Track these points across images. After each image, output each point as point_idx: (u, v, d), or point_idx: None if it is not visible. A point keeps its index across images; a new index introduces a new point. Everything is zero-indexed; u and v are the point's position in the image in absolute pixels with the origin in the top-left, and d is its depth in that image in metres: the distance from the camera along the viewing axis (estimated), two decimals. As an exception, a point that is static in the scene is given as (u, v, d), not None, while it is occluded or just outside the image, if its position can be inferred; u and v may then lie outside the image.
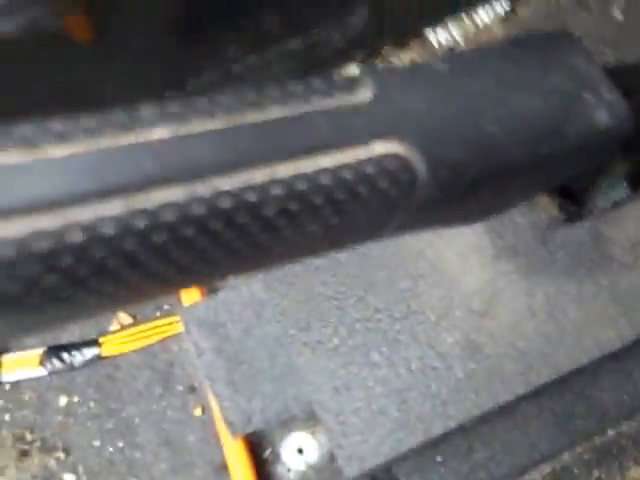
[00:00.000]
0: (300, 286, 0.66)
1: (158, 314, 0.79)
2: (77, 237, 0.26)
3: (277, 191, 0.30)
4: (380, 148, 0.33)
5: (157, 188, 0.27)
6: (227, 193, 0.29)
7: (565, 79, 0.39)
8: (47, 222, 0.25)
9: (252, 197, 0.29)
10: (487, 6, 0.84)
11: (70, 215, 0.26)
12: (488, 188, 0.39)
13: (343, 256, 0.66)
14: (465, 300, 0.63)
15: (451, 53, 0.78)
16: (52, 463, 0.75)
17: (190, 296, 0.76)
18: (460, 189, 0.38)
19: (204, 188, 0.28)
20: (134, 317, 0.79)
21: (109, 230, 0.26)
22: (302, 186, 0.31)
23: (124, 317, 0.78)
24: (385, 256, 0.65)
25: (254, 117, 0.30)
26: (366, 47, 0.80)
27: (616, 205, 0.57)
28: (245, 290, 0.71)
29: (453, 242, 0.64)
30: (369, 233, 0.37)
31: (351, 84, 0.33)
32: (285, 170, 0.30)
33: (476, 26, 0.82)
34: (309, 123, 0.32)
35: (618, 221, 0.63)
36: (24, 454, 0.75)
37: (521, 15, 0.83)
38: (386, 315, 0.64)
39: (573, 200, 0.57)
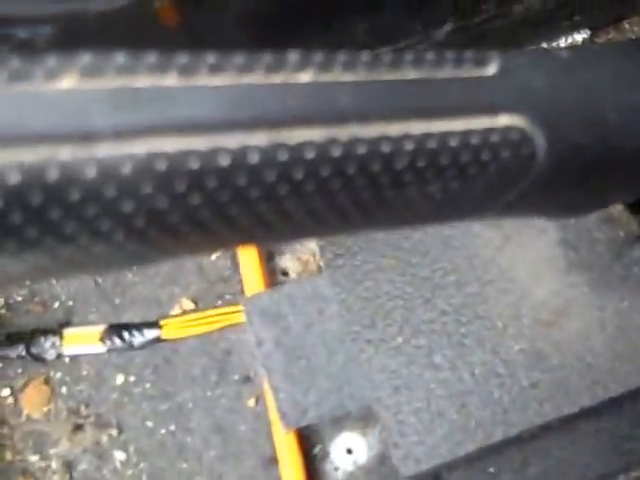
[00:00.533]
0: (367, 284, 0.66)
1: (219, 302, 0.79)
2: (224, 161, 0.26)
3: (409, 146, 0.31)
4: (504, 120, 0.34)
5: (299, 126, 0.28)
6: (363, 140, 0.29)
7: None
8: (198, 143, 0.26)
9: (386, 148, 0.30)
10: (568, 36, 0.85)
11: (219, 139, 0.26)
12: (597, 176, 0.40)
13: (414, 258, 0.66)
14: (534, 309, 0.63)
15: (573, 45, 0.78)
16: (104, 439, 0.75)
17: (253, 287, 0.77)
18: (573, 172, 0.38)
19: (342, 132, 0.29)
20: (196, 303, 0.79)
21: (253, 158, 0.27)
22: (432, 144, 0.31)
23: (186, 303, 0.79)
24: (455, 261, 0.65)
25: (391, 75, 0.31)
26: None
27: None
28: (309, 284, 0.71)
29: (525, 251, 0.64)
30: (480, 206, 0.38)
31: (480, 58, 0.34)
32: (418, 127, 0.31)
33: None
34: (441, 87, 0.33)
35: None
36: (78, 428, 0.75)
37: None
38: (452, 318, 0.64)
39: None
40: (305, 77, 0.28)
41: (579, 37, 0.85)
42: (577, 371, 0.61)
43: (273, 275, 0.79)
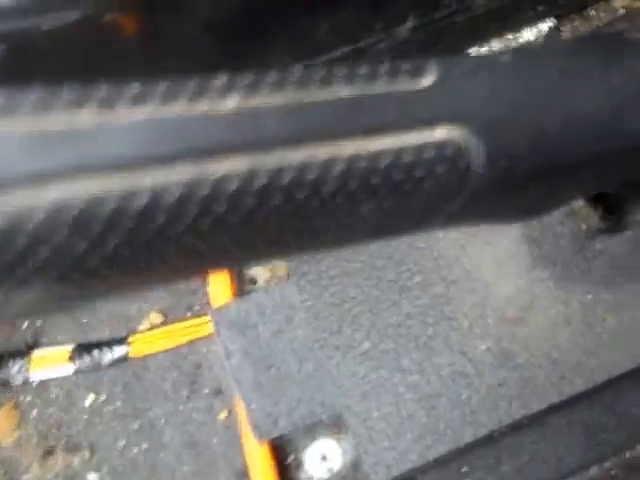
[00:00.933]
0: (333, 289, 0.66)
1: (189, 314, 0.79)
2: (141, 200, 0.26)
3: (338, 168, 0.30)
4: (441, 133, 0.33)
5: (222, 157, 0.27)
6: (289, 167, 0.29)
7: (626, 79, 0.39)
8: (113, 184, 0.26)
9: (313, 173, 0.30)
10: (533, 26, 0.84)
11: (135, 178, 0.26)
12: (542, 183, 0.40)
13: (379, 261, 0.66)
14: (499, 307, 0.63)
15: (515, 48, 0.78)
16: (76, 462, 0.74)
17: (220, 297, 0.76)
18: (515, 181, 0.38)
19: (267, 160, 0.28)
20: (165, 316, 0.78)
21: (172, 196, 0.26)
22: (362, 165, 0.31)
23: (155, 316, 0.78)
24: (420, 262, 0.65)
25: (322, 94, 0.31)
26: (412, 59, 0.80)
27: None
28: (277, 293, 0.71)
29: (489, 249, 0.64)
30: (421, 220, 0.37)
31: (416, 68, 0.33)
32: (347, 149, 0.30)
33: (520, 45, 0.82)
34: (374, 104, 0.32)
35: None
36: (49, 452, 0.75)
37: (564, 34, 0.83)
38: (419, 320, 0.64)
39: (614, 210, 0.57)
40: (231, 103, 0.28)
41: (544, 26, 0.84)
42: (544, 368, 0.61)
43: (241, 284, 0.78)
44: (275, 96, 0.28)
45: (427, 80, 0.32)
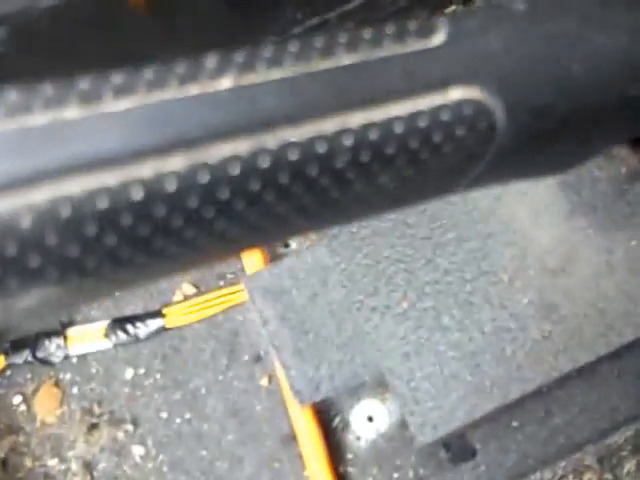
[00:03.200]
0: (366, 250, 0.64)
1: (222, 283, 0.78)
2: (137, 195, 0.24)
3: (348, 141, 0.28)
4: (456, 94, 0.31)
5: (221, 141, 0.26)
6: (295, 144, 0.27)
7: (653, 13, 0.36)
8: (106, 179, 0.24)
9: (322, 148, 0.28)
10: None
11: (130, 171, 0.24)
12: (571, 135, 0.37)
13: (410, 218, 0.64)
14: (539, 258, 0.61)
15: None
16: (121, 436, 0.74)
17: (253, 264, 0.75)
18: (541, 136, 0.35)
19: (270, 140, 0.26)
20: (197, 287, 0.78)
21: (171, 187, 0.25)
22: (374, 135, 0.29)
23: (187, 287, 0.77)
24: (454, 216, 0.63)
25: (323, 64, 0.28)
26: (429, 5, 0.77)
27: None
28: (309, 256, 0.69)
29: (525, 199, 0.62)
30: (443, 186, 0.35)
31: (425, 27, 0.31)
32: (356, 119, 0.28)
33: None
34: (381, 69, 0.30)
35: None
36: (93, 427, 0.75)
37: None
38: (456, 277, 0.62)
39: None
40: (225, 83, 0.26)
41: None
42: (590, 319, 0.59)
43: (274, 247, 0.77)
44: (273, 71, 0.26)
45: (437, 39, 0.30)
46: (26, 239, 0.23)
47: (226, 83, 0.26)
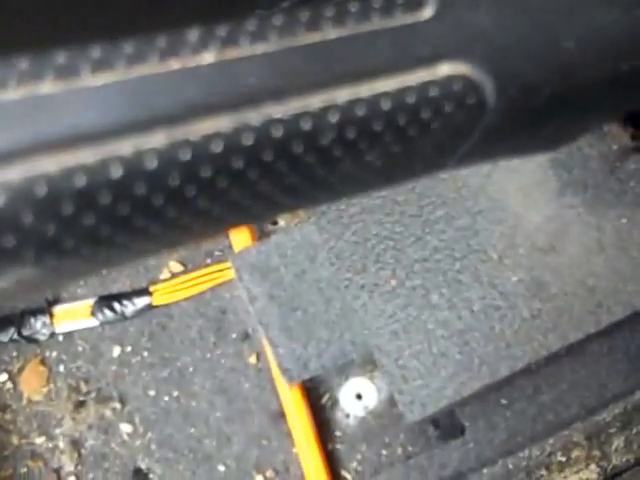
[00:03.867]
0: (355, 227, 0.63)
1: (209, 261, 0.77)
2: (116, 172, 0.24)
3: (334, 117, 0.27)
4: (445, 69, 0.30)
5: (203, 118, 0.25)
6: (279, 121, 0.26)
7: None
8: (84, 156, 0.23)
9: (307, 124, 0.27)
10: None
11: (108, 149, 0.24)
12: (561, 112, 0.36)
13: (399, 195, 0.63)
14: (529, 236, 0.60)
15: None
16: (108, 413, 0.74)
17: (241, 241, 0.74)
18: (531, 113, 0.35)
19: (254, 116, 0.26)
20: (184, 265, 0.77)
21: (151, 164, 0.24)
22: (361, 111, 0.28)
23: (174, 265, 0.77)
24: (443, 193, 0.62)
25: (308, 38, 0.28)
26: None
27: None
28: (297, 234, 0.69)
29: (515, 176, 0.61)
30: (432, 164, 0.35)
31: (413, 1, 0.30)
32: (342, 95, 0.28)
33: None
34: (368, 43, 0.29)
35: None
36: (80, 405, 0.74)
37: None
38: (445, 255, 0.62)
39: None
40: (207, 57, 0.25)
41: None
42: (579, 296, 0.59)
43: (262, 225, 0.76)
44: (256, 46, 0.25)
45: (426, 12, 0.29)
46: (0, 219, 0.23)
47: (208, 58, 0.25)
